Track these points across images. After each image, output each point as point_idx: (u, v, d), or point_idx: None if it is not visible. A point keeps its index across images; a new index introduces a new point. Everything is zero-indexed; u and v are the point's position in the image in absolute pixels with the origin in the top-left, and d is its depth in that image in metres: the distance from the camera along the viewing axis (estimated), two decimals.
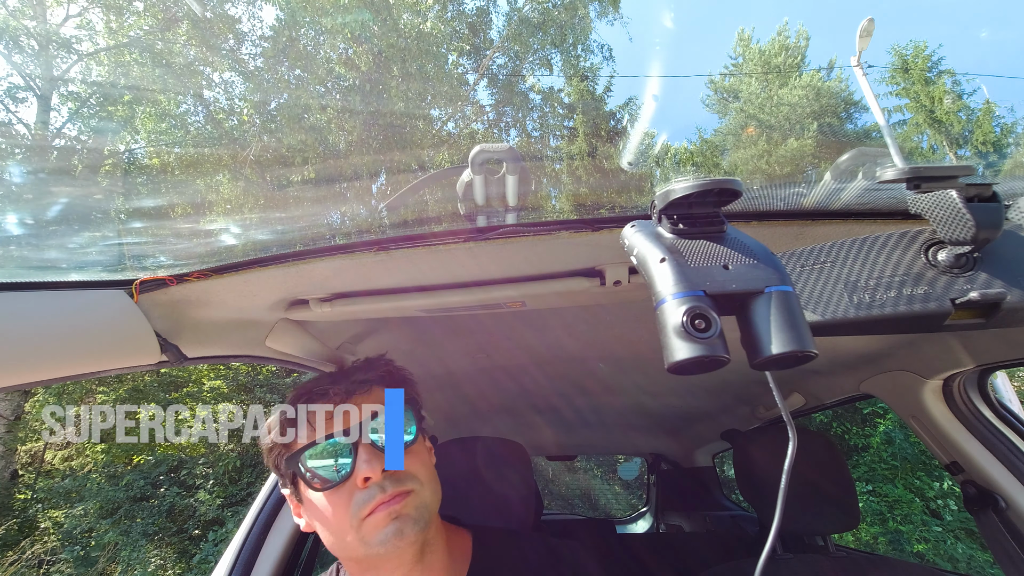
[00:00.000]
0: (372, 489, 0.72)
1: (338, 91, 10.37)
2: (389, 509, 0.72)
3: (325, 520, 0.75)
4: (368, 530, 0.71)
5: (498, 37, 11.94)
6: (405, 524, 0.72)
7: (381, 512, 0.72)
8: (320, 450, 0.75)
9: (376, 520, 0.71)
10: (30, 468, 7.78)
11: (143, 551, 6.50)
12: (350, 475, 0.74)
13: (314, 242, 0.80)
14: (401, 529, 0.71)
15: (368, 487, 0.73)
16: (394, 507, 0.72)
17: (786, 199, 0.73)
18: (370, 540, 0.71)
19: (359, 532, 0.72)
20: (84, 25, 9.68)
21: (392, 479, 0.74)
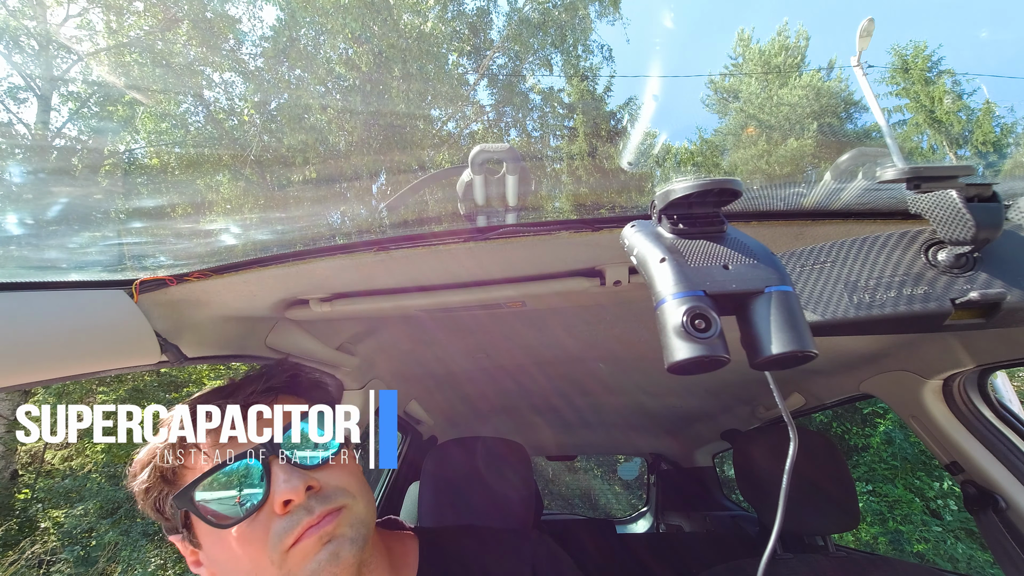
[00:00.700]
0: (296, 513, 0.60)
1: (338, 91, 10.38)
2: (320, 532, 0.60)
3: (235, 562, 0.61)
4: (295, 561, 0.59)
5: (498, 37, 11.95)
6: (341, 546, 0.61)
7: (310, 537, 0.60)
8: (219, 478, 0.62)
9: (305, 547, 0.59)
10: (30, 468, 7.79)
11: (143, 551, 6.51)
12: (264, 500, 0.61)
13: (314, 242, 0.80)
14: (336, 552, 0.60)
15: (290, 511, 0.60)
16: (326, 528, 0.61)
17: (786, 199, 0.73)
18: (298, 573, 0.59)
19: (283, 567, 0.59)
20: (84, 25, 9.68)
21: (318, 497, 0.62)
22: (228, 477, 0.62)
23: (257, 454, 0.63)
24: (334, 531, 0.61)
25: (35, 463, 7.85)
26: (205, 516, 0.61)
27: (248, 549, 0.60)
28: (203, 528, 0.63)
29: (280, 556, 0.59)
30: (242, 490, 0.62)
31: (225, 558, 0.63)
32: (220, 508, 0.61)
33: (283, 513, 0.60)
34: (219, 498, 0.62)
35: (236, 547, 0.61)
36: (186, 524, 0.65)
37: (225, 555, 0.62)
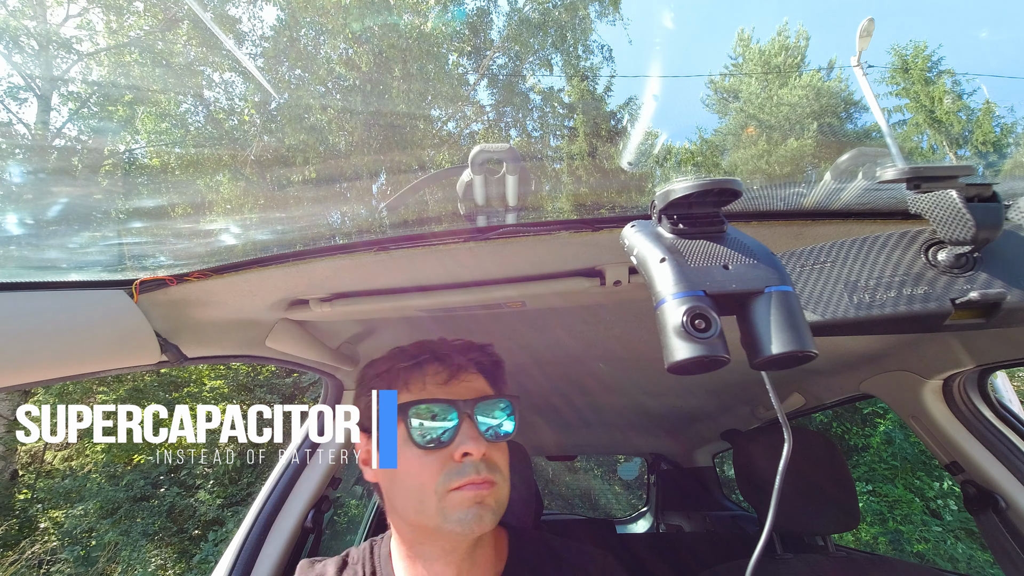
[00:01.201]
0: (468, 467, 0.71)
1: (338, 91, 10.38)
2: (477, 491, 0.70)
3: (407, 478, 0.73)
4: (451, 504, 0.70)
5: (498, 37, 11.95)
6: (485, 512, 0.70)
7: (470, 491, 0.70)
8: (430, 409, 0.74)
9: (462, 497, 0.70)
10: (30, 468, 7.79)
11: (143, 551, 6.51)
12: (449, 443, 0.72)
13: (314, 242, 0.80)
14: (480, 516, 0.69)
15: (464, 463, 0.71)
16: (481, 491, 0.71)
17: (786, 199, 0.73)
18: (449, 515, 0.69)
19: (441, 502, 0.70)
20: (84, 25, 9.68)
21: (486, 465, 0.72)
22: (434, 411, 0.74)
23: (460, 408, 0.74)
24: (485, 498, 0.71)
25: (35, 463, 7.85)
26: (410, 429, 0.73)
27: (421, 473, 0.72)
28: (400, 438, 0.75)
29: (443, 493, 0.70)
30: (439, 427, 0.73)
31: (401, 472, 0.74)
32: (418, 430, 0.73)
33: (458, 461, 0.71)
34: (422, 423, 0.73)
35: (413, 466, 0.72)
36: None
37: (406, 470, 0.73)
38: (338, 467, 1.41)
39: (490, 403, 0.78)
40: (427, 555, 0.76)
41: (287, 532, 1.22)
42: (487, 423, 0.76)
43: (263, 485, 1.33)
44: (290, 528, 1.23)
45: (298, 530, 1.24)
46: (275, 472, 1.33)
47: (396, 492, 0.76)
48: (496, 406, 0.79)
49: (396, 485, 0.76)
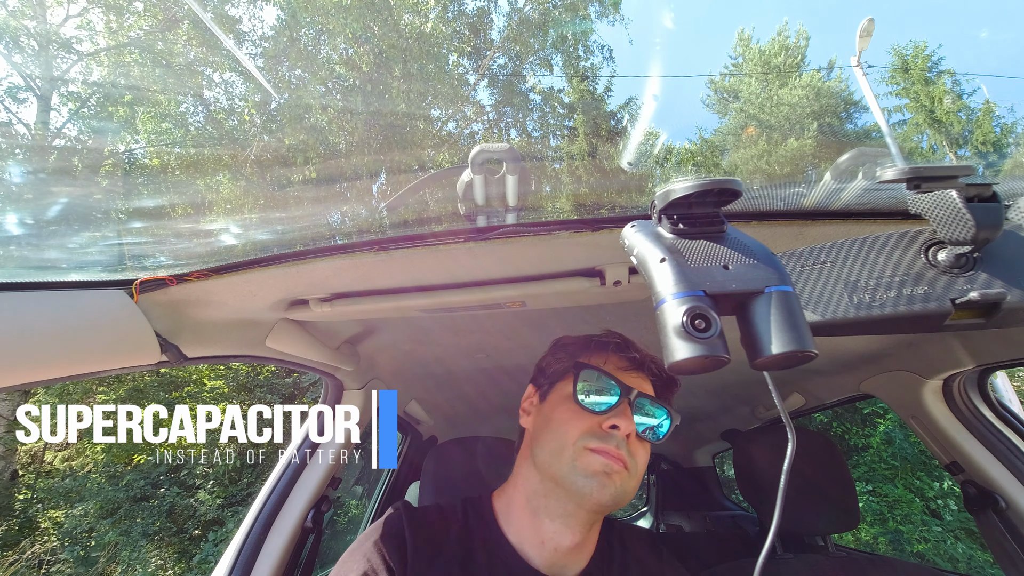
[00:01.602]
0: (610, 437, 0.76)
1: (339, 91, 10.38)
2: (607, 461, 0.74)
3: (557, 426, 0.80)
4: (583, 462, 0.75)
5: (499, 38, 11.95)
6: (609, 485, 0.74)
7: (602, 457, 0.75)
8: (601, 380, 0.81)
9: (595, 461, 0.75)
10: (30, 468, 7.79)
11: (143, 551, 6.51)
12: (604, 413, 0.78)
13: (314, 242, 0.80)
14: (603, 486, 0.74)
15: (607, 433, 0.76)
16: (613, 466, 0.75)
17: (786, 199, 0.73)
18: (578, 469, 0.74)
19: (575, 459, 0.75)
20: (84, 25, 9.68)
21: (626, 446, 0.77)
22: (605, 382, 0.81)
23: (627, 392, 0.80)
24: (615, 473, 0.75)
25: (35, 463, 7.85)
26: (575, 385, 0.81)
27: (569, 424, 0.78)
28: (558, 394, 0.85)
29: (579, 449, 0.76)
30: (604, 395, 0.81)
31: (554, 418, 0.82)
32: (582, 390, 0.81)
33: (604, 430, 0.77)
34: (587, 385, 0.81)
35: (564, 417, 0.80)
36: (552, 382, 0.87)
37: (556, 416, 0.81)
38: (338, 467, 1.41)
39: (653, 403, 0.83)
40: (548, 510, 0.79)
41: (287, 532, 1.22)
42: (642, 418, 0.81)
43: (263, 485, 1.33)
44: (290, 528, 1.23)
45: (298, 530, 1.24)
46: (275, 472, 1.33)
47: (541, 437, 0.82)
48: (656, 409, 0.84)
49: (544, 431, 0.82)
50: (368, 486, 2.54)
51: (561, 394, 0.84)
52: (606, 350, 0.87)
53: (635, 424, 0.79)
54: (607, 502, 0.74)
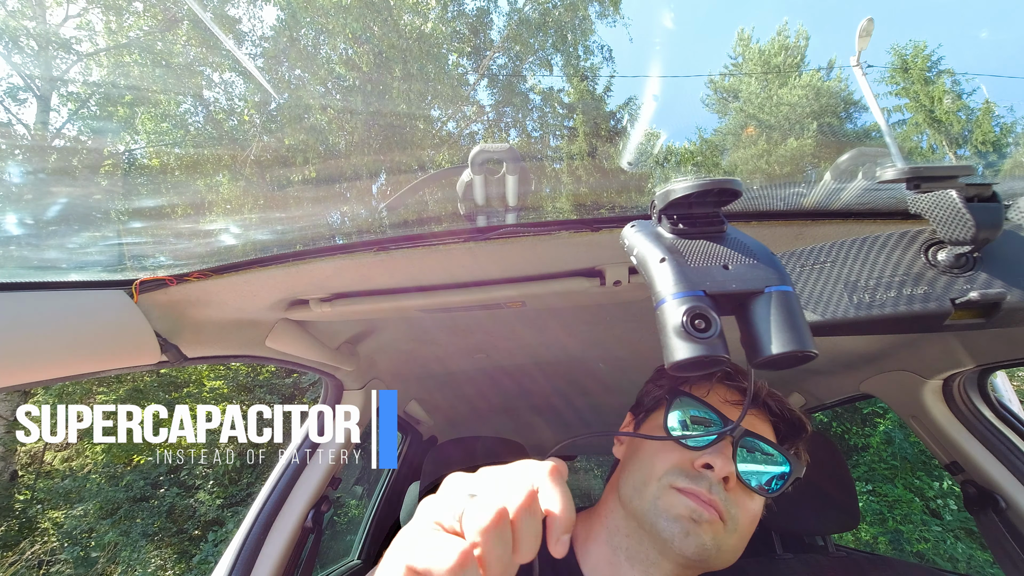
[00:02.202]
0: (701, 479, 0.66)
1: (338, 91, 10.38)
2: (695, 507, 0.64)
3: (643, 457, 0.71)
4: (666, 502, 0.66)
5: (498, 37, 11.95)
6: (697, 535, 0.63)
7: (689, 500, 0.64)
8: (699, 411, 0.71)
9: (679, 502, 0.65)
10: (30, 468, 7.78)
11: (143, 551, 6.51)
12: (698, 449, 0.68)
13: (314, 242, 0.80)
14: (689, 533, 0.63)
15: (699, 473, 0.66)
16: (701, 511, 0.64)
17: (786, 199, 0.73)
18: (660, 510, 0.65)
19: (658, 493, 0.66)
20: (84, 26, 9.68)
21: (722, 491, 0.66)
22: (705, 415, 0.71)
23: (730, 428, 0.69)
24: (701, 521, 0.64)
25: (35, 463, 7.85)
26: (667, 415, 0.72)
27: (655, 458, 0.70)
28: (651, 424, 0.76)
29: (663, 487, 0.67)
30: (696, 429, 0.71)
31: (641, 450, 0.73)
32: (673, 420, 0.72)
33: (694, 469, 0.67)
34: (687, 415, 0.72)
35: (657, 450, 0.71)
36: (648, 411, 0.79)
37: (643, 449, 0.73)
38: (338, 467, 1.41)
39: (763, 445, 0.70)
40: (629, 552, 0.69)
41: (287, 532, 1.22)
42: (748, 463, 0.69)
43: (263, 485, 1.33)
44: (290, 528, 1.23)
45: (298, 530, 1.24)
46: (275, 472, 1.33)
47: (627, 468, 0.74)
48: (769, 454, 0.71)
49: (630, 461, 0.74)
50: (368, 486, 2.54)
51: (654, 424, 0.75)
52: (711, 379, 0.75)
53: (736, 467, 0.67)
54: (692, 555, 0.63)
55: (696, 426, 0.71)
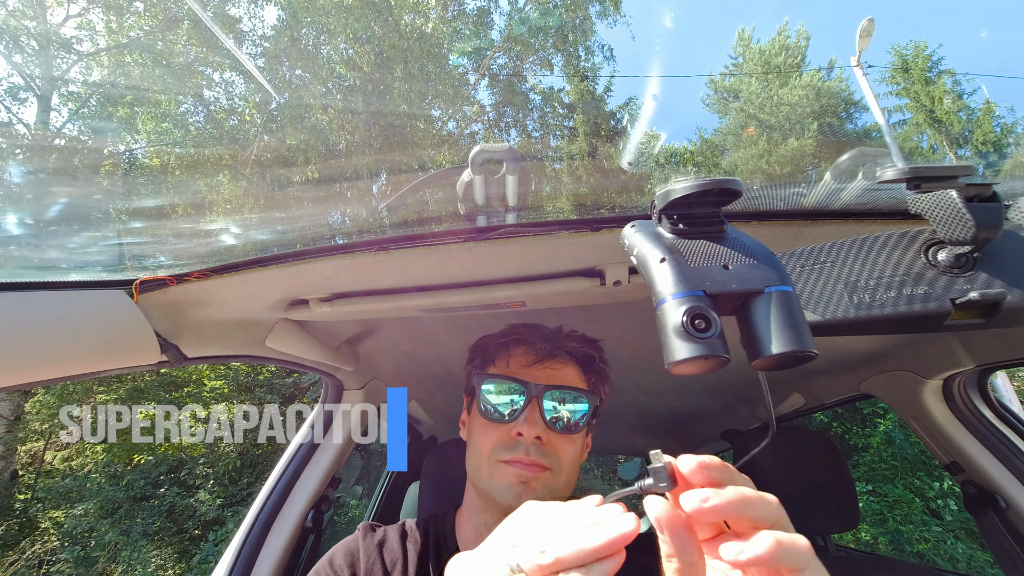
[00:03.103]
0: (519, 446, 0.76)
1: (339, 91, 10.38)
2: (522, 471, 0.74)
3: (473, 442, 0.82)
4: (498, 475, 0.76)
5: (499, 37, 11.94)
6: (527, 493, 0.73)
7: (515, 468, 0.75)
8: (500, 386, 0.80)
9: (508, 472, 0.75)
10: (30, 468, 7.78)
11: (143, 551, 6.51)
12: (508, 422, 0.78)
13: (314, 242, 0.80)
14: (521, 495, 0.73)
15: (518, 441, 0.76)
16: (527, 473, 0.74)
17: (786, 199, 0.73)
18: (495, 483, 0.75)
19: (491, 473, 0.76)
20: (84, 25, 9.68)
21: (538, 449, 0.76)
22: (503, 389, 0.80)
23: (530, 390, 0.79)
24: (531, 480, 0.74)
25: (35, 463, 7.85)
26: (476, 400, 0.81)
27: (481, 441, 0.80)
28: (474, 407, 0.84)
29: (492, 464, 0.77)
30: (506, 404, 0.79)
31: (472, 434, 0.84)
32: (485, 403, 0.80)
33: (511, 439, 0.77)
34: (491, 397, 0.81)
35: (477, 433, 0.81)
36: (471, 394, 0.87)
37: (472, 432, 0.83)
38: (338, 467, 1.41)
39: (563, 392, 0.80)
40: (486, 526, 0.77)
41: (287, 532, 1.22)
42: (555, 411, 0.79)
43: (263, 485, 1.33)
44: (290, 528, 1.23)
45: (298, 530, 1.24)
46: (275, 472, 1.33)
47: (468, 454, 0.84)
48: (570, 397, 0.80)
49: (469, 447, 0.84)
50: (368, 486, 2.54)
51: (475, 408, 0.84)
52: (507, 348, 0.85)
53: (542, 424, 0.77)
54: None
55: (503, 398, 0.80)
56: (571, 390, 0.81)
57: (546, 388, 0.79)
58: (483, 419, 0.80)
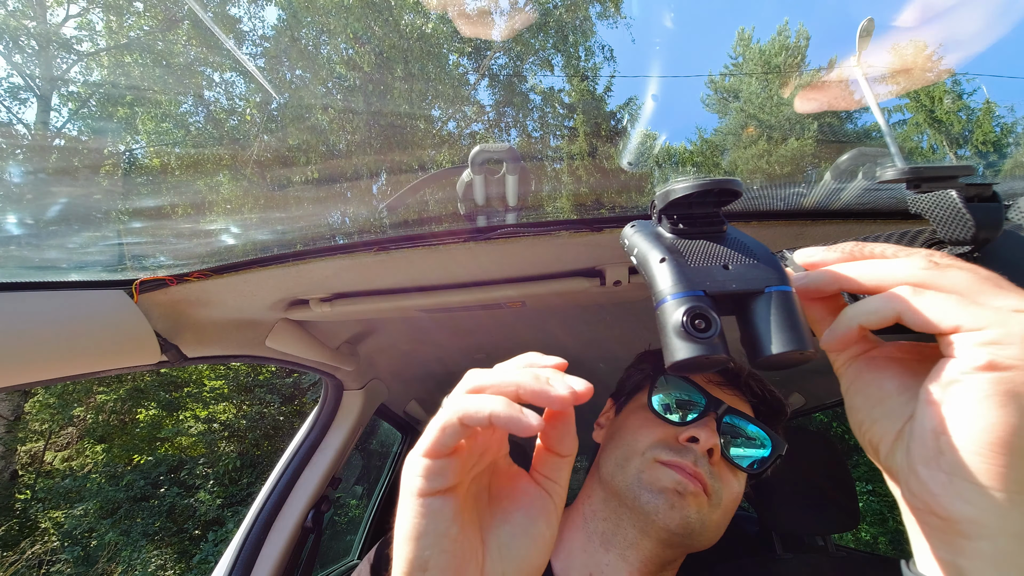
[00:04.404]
0: (686, 452, 0.65)
1: (339, 91, 10.38)
2: (682, 478, 0.62)
3: (626, 434, 0.70)
4: (650, 475, 0.64)
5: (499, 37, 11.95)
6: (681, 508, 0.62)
7: (674, 474, 0.63)
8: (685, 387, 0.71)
9: (663, 475, 0.63)
10: (30, 468, 7.79)
11: (143, 551, 6.51)
12: (681, 424, 0.68)
13: (314, 242, 0.80)
14: (673, 505, 0.62)
15: (683, 446, 0.65)
16: (687, 484, 0.62)
17: (786, 199, 0.73)
18: (644, 483, 0.64)
19: (642, 469, 0.65)
20: (84, 25, 9.69)
21: (707, 465, 0.65)
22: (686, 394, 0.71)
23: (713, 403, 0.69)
24: (686, 493, 0.63)
25: (35, 463, 7.85)
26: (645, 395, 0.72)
27: (639, 433, 0.69)
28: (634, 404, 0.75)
29: (647, 460, 0.65)
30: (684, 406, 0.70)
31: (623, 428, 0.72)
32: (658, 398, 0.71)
33: (678, 443, 0.66)
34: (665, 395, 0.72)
35: (635, 425, 0.70)
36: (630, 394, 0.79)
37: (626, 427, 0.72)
38: (338, 467, 1.41)
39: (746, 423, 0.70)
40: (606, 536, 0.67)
41: (287, 532, 1.22)
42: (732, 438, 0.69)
43: (263, 485, 1.33)
44: (290, 528, 1.23)
45: (298, 530, 1.24)
46: (275, 472, 1.33)
47: (609, 447, 0.72)
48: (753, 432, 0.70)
49: (612, 440, 0.72)
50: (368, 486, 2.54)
51: (636, 404, 0.75)
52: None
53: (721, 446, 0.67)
54: (676, 528, 0.61)
55: (680, 403, 0.71)
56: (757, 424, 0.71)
57: (730, 411, 0.69)
58: (648, 414, 0.70)
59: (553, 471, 0.41)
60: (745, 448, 0.70)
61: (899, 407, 0.34)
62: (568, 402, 0.34)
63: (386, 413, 1.75)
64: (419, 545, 0.34)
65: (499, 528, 0.39)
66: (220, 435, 7.54)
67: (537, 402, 0.34)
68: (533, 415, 0.33)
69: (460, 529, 0.35)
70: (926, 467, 0.30)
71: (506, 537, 0.38)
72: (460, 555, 0.34)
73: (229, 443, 7.57)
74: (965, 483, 0.28)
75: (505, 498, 0.41)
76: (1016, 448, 0.27)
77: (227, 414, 7.82)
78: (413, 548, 0.34)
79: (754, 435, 0.71)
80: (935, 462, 0.30)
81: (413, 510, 0.34)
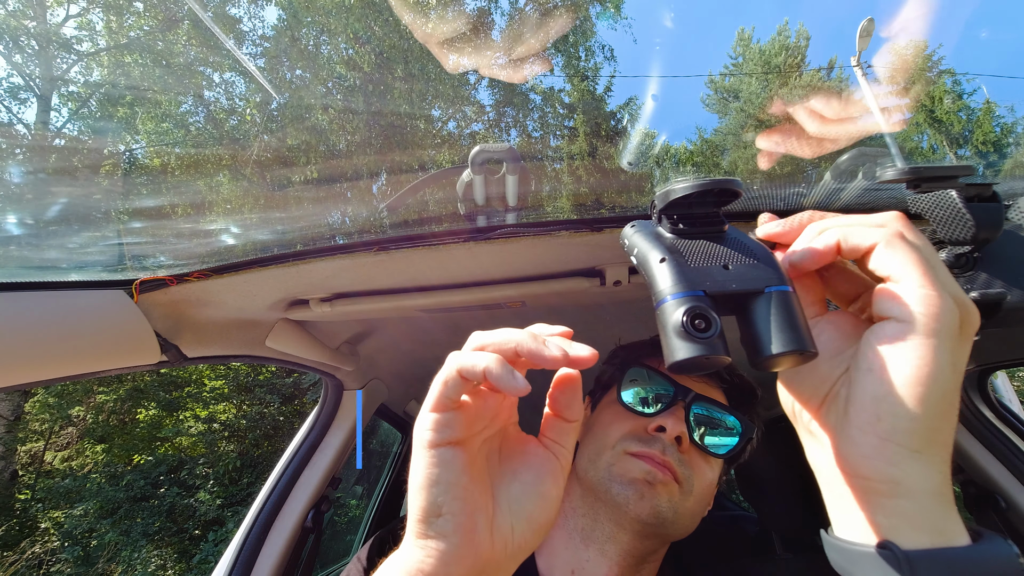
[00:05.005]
0: (655, 441, 0.66)
1: (340, 91, 10.39)
2: (649, 469, 0.63)
3: (599, 431, 0.71)
4: (621, 467, 0.65)
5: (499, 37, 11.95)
6: (651, 497, 0.63)
7: (643, 463, 0.64)
8: (653, 377, 0.72)
9: (634, 466, 0.64)
10: (30, 468, 7.79)
11: (143, 551, 6.51)
12: (647, 416, 0.69)
13: (314, 242, 0.80)
14: (643, 495, 0.63)
15: (652, 436, 0.66)
16: (656, 473, 0.63)
17: (786, 199, 0.73)
18: (615, 476, 0.65)
19: (613, 462, 0.66)
20: (84, 25, 9.69)
21: (676, 454, 0.65)
22: (654, 384, 0.72)
23: (680, 392, 0.70)
24: (659, 483, 0.64)
25: (35, 463, 7.85)
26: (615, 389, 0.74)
27: (609, 427, 0.70)
28: (606, 399, 0.76)
29: (618, 453, 0.67)
30: (650, 397, 0.71)
31: (596, 425, 0.74)
32: (626, 390, 0.73)
33: (647, 433, 0.67)
34: (634, 386, 0.73)
35: (606, 420, 0.72)
36: (604, 388, 0.80)
37: (598, 422, 0.73)
38: (338, 467, 1.41)
39: (716, 409, 0.71)
40: (585, 532, 0.68)
41: (287, 532, 1.22)
42: (702, 425, 0.70)
43: (263, 485, 1.33)
44: (290, 528, 1.23)
45: (298, 530, 1.24)
46: (275, 472, 1.33)
47: (583, 444, 0.73)
48: (722, 418, 0.71)
49: (586, 437, 0.74)
50: (368, 486, 2.54)
51: (609, 399, 0.76)
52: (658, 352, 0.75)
53: (691, 430, 0.68)
54: (647, 517, 0.62)
55: (649, 394, 0.72)
56: (724, 409, 0.71)
57: (699, 397, 0.70)
58: (618, 407, 0.71)
59: (560, 435, 0.43)
60: (716, 434, 0.71)
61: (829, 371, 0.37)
62: (560, 362, 0.35)
63: (386, 413, 1.75)
64: (433, 492, 0.35)
65: (509, 485, 0.40)
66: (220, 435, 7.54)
67: (532, 360, 0.36)
68: (521, 379, 0.35)
69: (470, 480, 0.36)
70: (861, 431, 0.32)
71: (515, 493, 0.40)
72: (471, 502, 0.36)
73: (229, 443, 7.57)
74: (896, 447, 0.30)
75: (515, 459, 0.43)
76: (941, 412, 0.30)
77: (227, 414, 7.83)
78: (427, 495, 0.35)
79: (724, 421, 0.72)
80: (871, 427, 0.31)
81: (425, 460, 0.36)
